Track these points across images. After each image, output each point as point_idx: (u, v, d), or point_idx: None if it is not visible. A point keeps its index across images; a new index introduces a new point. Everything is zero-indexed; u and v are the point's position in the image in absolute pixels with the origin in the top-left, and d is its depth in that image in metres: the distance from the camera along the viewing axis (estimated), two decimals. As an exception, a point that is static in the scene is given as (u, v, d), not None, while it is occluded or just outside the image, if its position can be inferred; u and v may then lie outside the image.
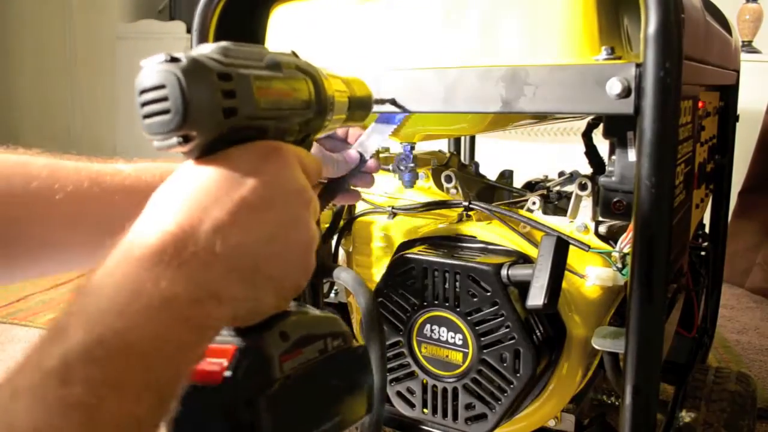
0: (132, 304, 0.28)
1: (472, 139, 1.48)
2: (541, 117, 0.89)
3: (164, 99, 0.32)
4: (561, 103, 0.54)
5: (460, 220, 0.81)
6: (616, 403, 0.80)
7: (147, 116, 0.32)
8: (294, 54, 0.42)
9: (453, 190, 0.86)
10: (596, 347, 0.68)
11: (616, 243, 0.70)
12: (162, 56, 0.32)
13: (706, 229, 1.17)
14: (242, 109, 0.34)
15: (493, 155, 1.73)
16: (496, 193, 0.97)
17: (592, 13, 0.58)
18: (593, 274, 0.69)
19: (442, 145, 1.43)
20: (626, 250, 0.66)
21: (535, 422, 0.77)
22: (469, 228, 0.77)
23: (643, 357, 0.55)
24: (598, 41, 0.58)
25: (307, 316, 0.40)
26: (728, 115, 1.09)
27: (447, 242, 0.77)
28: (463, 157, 1.46)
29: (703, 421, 0.79)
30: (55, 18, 3.67)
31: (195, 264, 0.31)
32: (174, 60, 0.32)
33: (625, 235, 0.67)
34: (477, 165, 1.00)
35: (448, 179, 0.85)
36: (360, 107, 0.49)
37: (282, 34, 0.77)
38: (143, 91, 0.32)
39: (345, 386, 0.41)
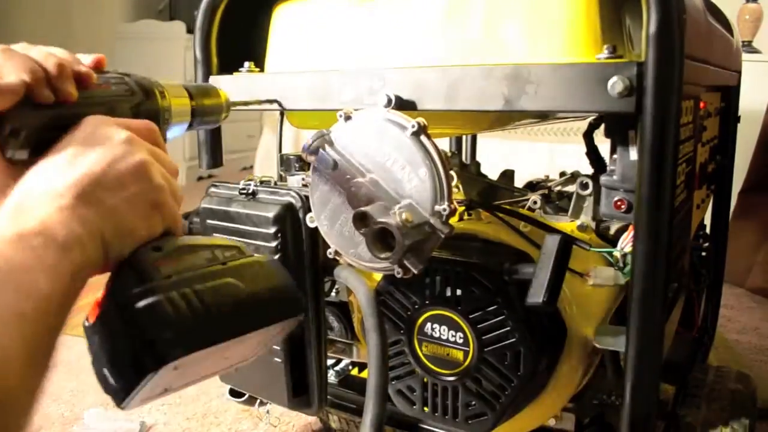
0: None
1: (474, 138, 1.48)
2: (542, 116, 0.90)
3: None
4: (563, 101, 0.54)
5: (461, 219, 0.81)
6: (616, 403, 0.80)
7: None
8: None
9: (454, 190, 0.86)
10: (597, 346, 0.69)
11: (617, 242, 0.70)
12: None
13: (707, 229, 1.17)
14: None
15: (495, 155, 1.73)
16: (497, 193, 0.98)
17: (594, 12, 0.58)
18: (594, 274, 0.69)
19: (444, 145, 1.43)
20: (627, 249, 0.66)
21: (536, 421, 0.77)
22: (470, 227, 0.77)
23: (644, 356, 0.55)
24: (600, 40, 0.58)
25: (188, 236, 0.44)
26: (729, 116, 1.09)
27: (448, 241, 0.77)
28: (465, 157, 1.46)
29: (703, 421, 0.79)
30: (55, 18, 3.67)
31: (42, 204, 0.37)
32: None
33: (626, 234, 0.67)
34: (478, 164, 1.00)
35: (451, 177, 0.85)
36: (208, 113, 0.59)
37: (283, 33, 0.77)
38: None
39: (250, 284, 0.43)
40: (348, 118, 0.62)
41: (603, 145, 0.73)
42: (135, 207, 0.41)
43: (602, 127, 0.67)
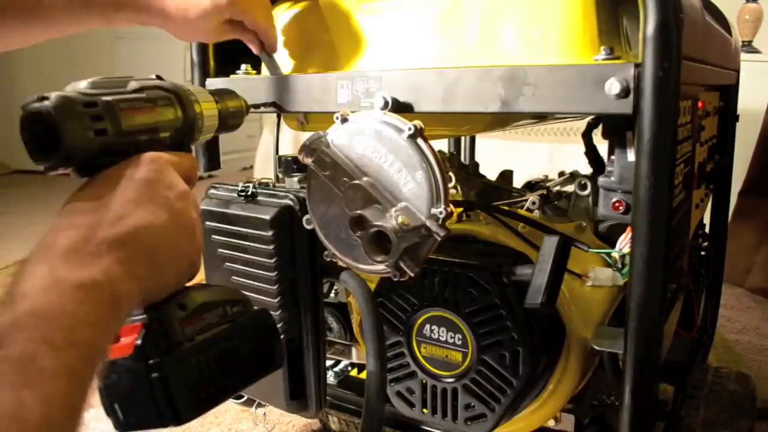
0: (51, 288, 0.35)
1: (472, 139, 1.48)
2: (540, 117, 0.89)
3: (39, 132, 0.39)
4: (560, 103, 0.54)
5: (459, 220, 0.81)
6: (616, 403, 0.80)
7: (32, 149, 0.40)
8: (158, 77, 0.50)
9: (453, 190, 0.86)
10: (595, 348, 0.69)
11: (615, 243, 0.70)
12: (34, 97, 0.40)
13: (706, 229, 1.16)
14: (111, 128, 0.42)
15: (493, 155, 1.73)
16: (495, 193, 0.97)
17: (591, 13, 0.58)
18: (593, 275, 0.69)
19: (442, 145, 1.43)
20: (625, 250, 0.66)
21: (535, 422, 0.77)
22: (468, 228, 0.77)
23: (643, 357, 0.55)
24: (597, 41, 0.58)
25: (204, 290, 0.47)
26: (728, 115, 1.09)
27: (446, 242, 0.77)
28: (463, 157, 1.46)
29: (703, 421, 0.79)
30: (56, 18, 3.67)
31: (102, 253, 0.38)
32: (44, 98, 0.39)
33: (624, 235, 0.66)
34: (477, 165, 1.00)
35: (448, 179, 0.85)
36: (232, 116, 0.60)
37: (280, 35, 0.77)
38: (23, 129, 0.40)
39: (249, 344, 0.48)
40: (345, 120, 0.61)
41: (602, 145, 0.73)
42: (178, 266, 0.44)
43: (601, 126, 0.67)
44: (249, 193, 0.73)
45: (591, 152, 0.86)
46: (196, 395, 0.42)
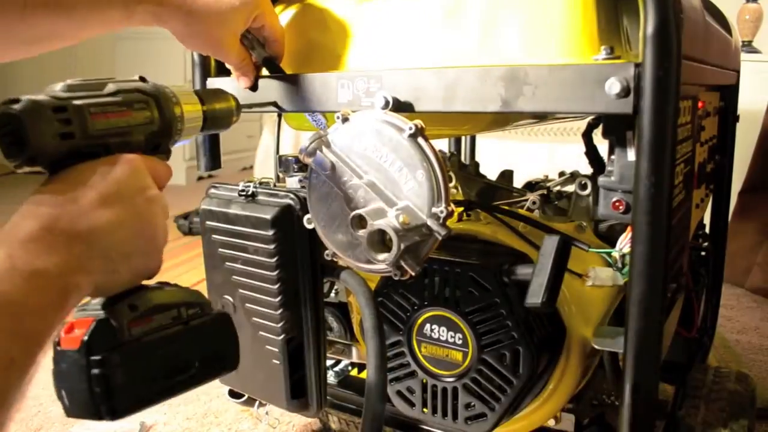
0: (4, 274, 0.36)
1: (473, 138, 1.48)
2: (540, 117, 0.90)
3: (8, 133, 0.41)
4: (560, 102, 0.54)
5: (460, 219, 0.81)
6: (616, 403, 0.80)
7: (5, 147, 0.41)
8: (141, 79, 0.51)
9: (453, 190, 0.86)
10: (596, 347, 0.69)
11: (615, 243, 0.70)
12: (7, 99, 0.41)
13: (707, 229, 1.17)
14: (78, 132, 0.43)
15: (494, 155, 1.73)
16: (496, 193, 0.98)
17: (591, 13, 0.58)
18: (593, 274, 0.69)
19: (443, 145, 1.43)
20: (626, 250, 0.66)
21: (535, 422, 0.77)
22: (469, 227, 0.77)
23: (643, 357, 0.55)
24: (598, 41, 0.58)
25: (161, 291, 0.48)
26: (728, 115, 1.09)
27: (447, 242, 0.77)
28: (464, 157, 1.46)
29: (703, 421, 0.79)
30: (56, 18, 3.67)
31: (59, 245, 0.39)
32: (16, 101, 0.41)
33: (624, 234, 0.67)
34: (477, 164, 1.00)
35: (449, 179, 0.85)
36: (219, 117, 0.60)
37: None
38: None
39: (201, 346, 0.49)
40: (345, 119, 0.62)
41: (602, 144, 0.73)
42: (133, 266, 0.45)
43: (601, 126, 0.67)
44: (249, 192, 0.73)
45: (591, 152, 0.86)
46: (135, 394, 0.44)
